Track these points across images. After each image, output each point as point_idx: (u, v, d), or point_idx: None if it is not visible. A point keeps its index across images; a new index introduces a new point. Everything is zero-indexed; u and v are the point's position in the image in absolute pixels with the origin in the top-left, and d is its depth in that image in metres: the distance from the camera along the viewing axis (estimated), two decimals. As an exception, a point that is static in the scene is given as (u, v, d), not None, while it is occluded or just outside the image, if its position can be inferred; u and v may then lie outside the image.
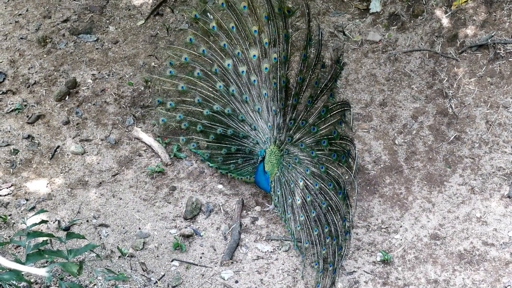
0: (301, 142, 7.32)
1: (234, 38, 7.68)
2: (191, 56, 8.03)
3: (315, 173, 7.17)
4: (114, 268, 6.71)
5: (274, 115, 7.42)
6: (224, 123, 7.82)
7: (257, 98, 7.56)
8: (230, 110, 7.74)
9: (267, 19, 7.41)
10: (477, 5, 8.54)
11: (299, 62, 7.25)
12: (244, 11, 7.58)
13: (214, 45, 7.87)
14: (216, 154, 7.89)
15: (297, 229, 7.04)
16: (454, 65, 8.37)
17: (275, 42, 7.43)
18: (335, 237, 6.79)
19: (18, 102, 8.64)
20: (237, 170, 7.69)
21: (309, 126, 7.26)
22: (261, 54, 7.52)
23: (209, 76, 7.90)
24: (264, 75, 7.48)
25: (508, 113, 7.87)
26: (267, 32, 7.46)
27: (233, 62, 7.67)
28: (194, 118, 8.01)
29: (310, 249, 6.89)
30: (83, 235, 6.52)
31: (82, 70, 9.02)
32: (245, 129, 7.67)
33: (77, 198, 7.60)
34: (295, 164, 7.29)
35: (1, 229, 7.20)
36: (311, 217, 7.00)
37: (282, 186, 7.28)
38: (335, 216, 6.90)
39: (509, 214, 7.04)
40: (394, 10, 8.88)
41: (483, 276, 6.53)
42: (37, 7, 9.91)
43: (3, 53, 9.33)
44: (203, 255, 7.00)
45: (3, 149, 8.13)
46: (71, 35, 9.49)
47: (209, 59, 7.90)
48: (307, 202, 7.08)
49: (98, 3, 9.85)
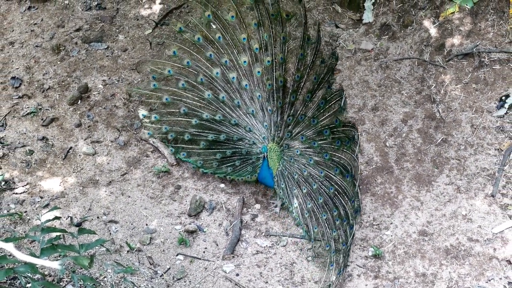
0: (301, 135, 7.28)
1: (221, 47, 7.56)
2: (174, 68, 7.84)
3: (319, 161, 7.17)
4: (123, 261, 6.71)
5: (270, 114, 7.38)
6: (215, 129, 7.66)
7: (250, 101, 7.49)
8: (221, 116, 7.61)
9: (257, 26, 7.35)
10: (463, 16, 8.53)
11: (295, 61, 7.25)
12: (232, 21, 7.47)
13: (199, 56, 7.71)
14: (210, 160, 7.73)
15: (305, 216, 7.03)
16: (442, 72, 8.36)
17: (266, 47, 7.36)
18: (345, 218, 6.80)
19: (33, 106, 8.64)
20: (236, 172, 7.57)
21: (309, 119, 7.21)
22: (251, 59, 7.44)
23: (194, 87, 7.73)
24: (257, 78, 7.43)
25: (491, 117, 7.86)
26: (258, 38, 7.39)
27: (221, 70, 7.56)
28: (181, 128, 7.86)
29: (318, 234, 6.90)
30: (94, 230, 6.53)
31: (93, 76, 9.02)
32: (239, 132, 7.58)
33: (88, 196, 7.60)
34: (297, 156, 7.27)
35: (17, 225, 7.19)
36: (319, 203, 7.01)
37: (286, 179, 7.26)
38: (342, 199, 6.91)
39: (493, 212, 7.03)
40: (385, 21, 8.87)
41: (468, 270, 6.53)
42: (51, 17, 9.91)
43: (19, 60, 9.33)
44: (206, 250, 6.99)
45: (19, 150, 8.13)
46: (83, 43, 9.49)
47: (194, 70, 7.73)
48: (313, 189, 7.08)
49: (108, 13, 9.85)
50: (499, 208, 7.06)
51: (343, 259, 6.63)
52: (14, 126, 8.44)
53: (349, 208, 6.85)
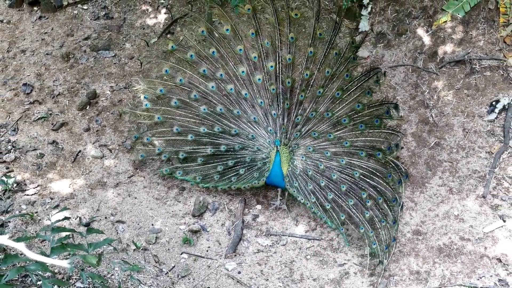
0: (313, 131, 7.13)
1: (216, 61, 7.33)
2: (166, 87, 7.54)
3: (337, 152, 7.05)
4: (130, 260, 6.71)
5: (275, 118, 7.21)
6: (214, 142, 7.42)
7: (252, 109, 7.30)
8: (220, 128, 7.38)
9: (255, 35, 7.17)
10: (455, 25, 8.54)
11: (303, 60, 7.11)
12: (228, 34, 7.26)
13: (192, 72, 7.44)
14: (211, 174, 7.51)
15: (327, 209, 6.96)
16: (435, 78, 8.37)
17: (267, 53, 7.18)
18: (380, 196, 6.79)
19: (44, 111, 8.66)
20: (241, 180, 7.37)
21: (321, 114, 7.09)
22: (249, 68, 7.24)
23: (187, 104, 7.45)
24: (258, 86, 7.25)
25: (482, 121, 7.87)
26: (256, 46, 7.21)
27: (217, 84, 7.34)
28: (175, 147, 7.57)
29: (346, 221, 6.91)
30: (102, 230, 6.55)
31: (101, 83, 9.04)
32: (241, 141, 7.38)
33: (97, 197, 7.61)
34: (310, 153, 7.14)
35: (29, 225, 7.20)
36: (342, 191, 6.93)
37: (298, 177, 7.13)
38: (371, 179, 6.89)
39: (484, 212, 7.04)
40: (381, 29, 8.88)
41: (460, 268, 6.53)
42: (61, 26, 9.93)
43: (30, 67, 9.35)
44: (209, 249, 7.00)
45: (31, 153, 8.14)
46: (92, 51, 9.51)
47: (187, 87, 7.44)
48: (334, 180, 6.98)
49: (116, 23, 9.87)
50: (490, 209, 7.07)
51: (388, 234, 6.66)
52: (25, 130, 8.46)
53: (383, 185, 6.85)
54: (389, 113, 7.08)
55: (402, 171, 7.07)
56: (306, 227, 7.21)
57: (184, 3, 9.83)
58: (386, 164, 6.98)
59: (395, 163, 7.03)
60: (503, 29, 8.37)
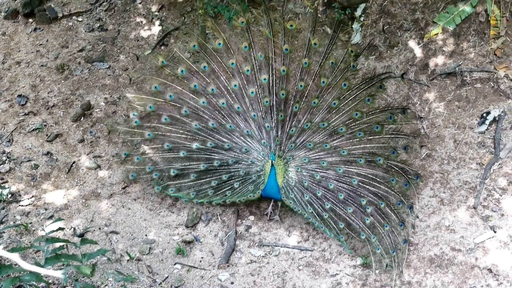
0: (308, 142, 7.07)
1: (207, 76, 7.24)
2: (156, 103, 7.38)
3: (333, 162, 7.02)
4: (123, 270, 6.72)
5: (268, 131, 7.15)
6: (207, 158, 7.32)
7: (245, 122, 7.22)
8: (213, 143, 7.28)
9: (248, 48, 7.10)
10: (446, 38, 8.59)
11: (297, 72, 7.05)
12: (220, 48, 7.18)
13: (183, 88, 7.34)
14: (204, 189, 7.40)
15: (324, 218, 6.95)
16: (426, 90, 8.41)
17: (260, 66, 7.10)
18: (382, 201, 6.82)
19: (38, 122, 8.68)
20: (235, 194, 7.33)
21: (316, 124, 7.03)
22: (242, 82, 7.17)
23: (178, 120, 7.34)
24: (251, 99, 7.17)
25: (473, 133, 7.90)
26: (250, 59, 7.13)
27: (208, 99, 7.25)
28: (165, 165, 7.44)
29: (345, 228, 6.94)
30: (96, 241, 6.57)
31: (96, 94, 9.07)
32: (235, 155, 7.30)
33: (91, 208, 7.62)
34: (305, 164, 7.10)
35: (23, 235, 7.21)
36: (340, 199, 6.91)
37: (294, 189, 7.10)
38: (371, 186, 6.88)
39: (475, 223, 7.06)
40: (372, 42, 8.92)
41: (451, 278, 6.55)
42: (56, 38, 9.97)
43: (25, 79, 9.37)
44: (202, 259, 7.01)
45: (25, 164, 8.16)
46: (86, 63, 9.54)
47: (177, 102, 7.32)
48: (331, 189, 6.96)
49: (110, 35, 9.91)
50: (481, 220, 7.09)
51: (394, 237, 6.72)
52: (20, 141, 8.47)
53: (385, 189, 6.88)
54: (392, 118, 7.08)
55: (410, 173, 7.05)
56: (299, 237, 7.22)
57: (177, 15, 9.87)
58: (388, 168, 6.98)
59: (400, 167, 7.01)
60: (494, 42, 8.42)
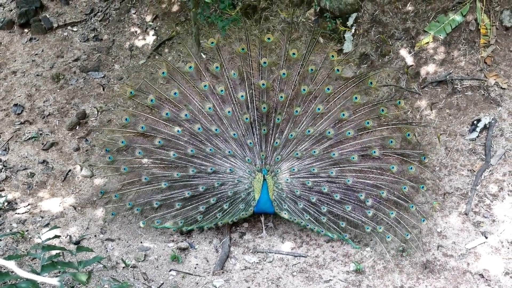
0: (295, 151, 7.02)
1: (179, 102, 7.12)
2: (128, 138, 7.20)
3: (323, 166, 7.00)
4: (119, 277, 6.71)
5: (251, 147, 7.08)
6: (191, 184, 7.16)
7: (225, 143, 7.09)
8: (195, 169, 7.12)
9: (220, 69, 6.98)
10: (437, 46, 8.62)
11: (275, 83, 7.01)
12: (190, 71, 7.05)
13: (155, 117, 7.14)
14: (192, 215, 7.23)
15: (323, 222, 6.99)
16: (417, 98, 8.44)
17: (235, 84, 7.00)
18: (382, 191, 6.91)
19: (34, 131, 8.68)
20: (227, 215, 7.22)
21: (301, 132, 6.99)
22: (216, 103, 7.03)
23: (153, 151, 7.15)
24: (228, 118, 7.05)
25: (464, 140, 7.93)
26: (223, 79, 7.01)
27: (182, 127, 7.09)
28: (146, 198, 7.21)
29: (347, 226, 7.01)
30: (92, 248, 6.55)
31: (91, 103, 9.07)
32: (219, 177, 7.15)
33: (86, 215, 7.61)
34: (295, 174, 7.06)
35: (19, 243, 7.19)
36: (336, 200, 6.94)
37: (286, 200, 7.09)
38: (367, 179, 6.95)
39: (466, 229, 7.07)
40: (364, 51, 8.94)
41: (443, 284, 6.55)
42: (51, 48, 9.97)
43: (21, 88, 9.37)
44: (197, 266, 7.00)
45: (21, 173, 8.15)
46: (81, 72, 9.55)
47: (150, 133, 7.14)
48: (325, 192, 6.96)
49: (105, 44, 9.91)
50: (472, 225, 7.10)
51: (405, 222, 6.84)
52: (16, 150, 8.47)
53: (383, 178, 6.96)
54: (383, 111, 7.14)
55: (414, 156, 7.12)
56: (292, 244, 7.23)
57: (172, 25, 9.88)
58: (385, 157, 7.04)
59: (399, 153, 7.10)
60: (484, 50, 8.46)
